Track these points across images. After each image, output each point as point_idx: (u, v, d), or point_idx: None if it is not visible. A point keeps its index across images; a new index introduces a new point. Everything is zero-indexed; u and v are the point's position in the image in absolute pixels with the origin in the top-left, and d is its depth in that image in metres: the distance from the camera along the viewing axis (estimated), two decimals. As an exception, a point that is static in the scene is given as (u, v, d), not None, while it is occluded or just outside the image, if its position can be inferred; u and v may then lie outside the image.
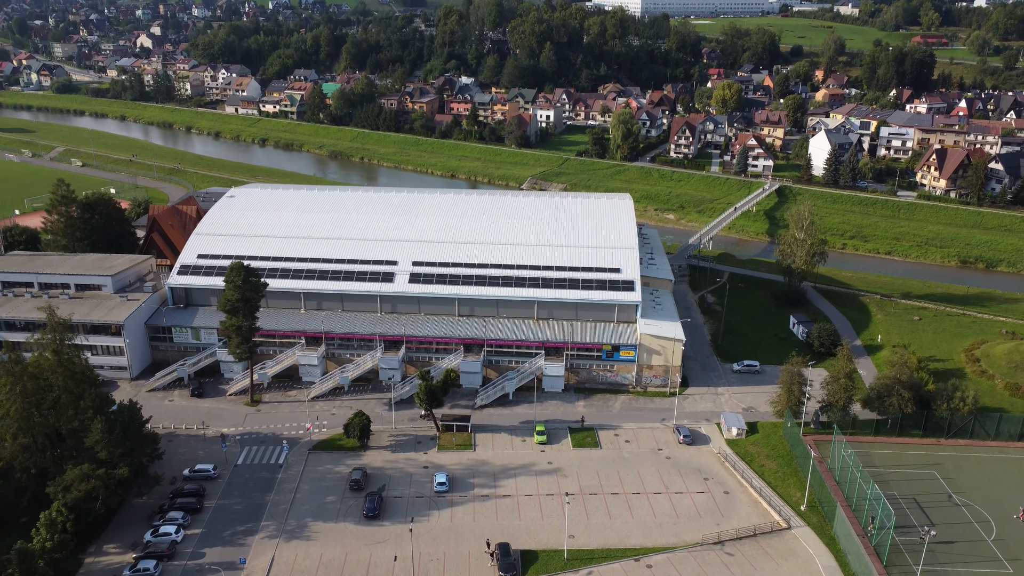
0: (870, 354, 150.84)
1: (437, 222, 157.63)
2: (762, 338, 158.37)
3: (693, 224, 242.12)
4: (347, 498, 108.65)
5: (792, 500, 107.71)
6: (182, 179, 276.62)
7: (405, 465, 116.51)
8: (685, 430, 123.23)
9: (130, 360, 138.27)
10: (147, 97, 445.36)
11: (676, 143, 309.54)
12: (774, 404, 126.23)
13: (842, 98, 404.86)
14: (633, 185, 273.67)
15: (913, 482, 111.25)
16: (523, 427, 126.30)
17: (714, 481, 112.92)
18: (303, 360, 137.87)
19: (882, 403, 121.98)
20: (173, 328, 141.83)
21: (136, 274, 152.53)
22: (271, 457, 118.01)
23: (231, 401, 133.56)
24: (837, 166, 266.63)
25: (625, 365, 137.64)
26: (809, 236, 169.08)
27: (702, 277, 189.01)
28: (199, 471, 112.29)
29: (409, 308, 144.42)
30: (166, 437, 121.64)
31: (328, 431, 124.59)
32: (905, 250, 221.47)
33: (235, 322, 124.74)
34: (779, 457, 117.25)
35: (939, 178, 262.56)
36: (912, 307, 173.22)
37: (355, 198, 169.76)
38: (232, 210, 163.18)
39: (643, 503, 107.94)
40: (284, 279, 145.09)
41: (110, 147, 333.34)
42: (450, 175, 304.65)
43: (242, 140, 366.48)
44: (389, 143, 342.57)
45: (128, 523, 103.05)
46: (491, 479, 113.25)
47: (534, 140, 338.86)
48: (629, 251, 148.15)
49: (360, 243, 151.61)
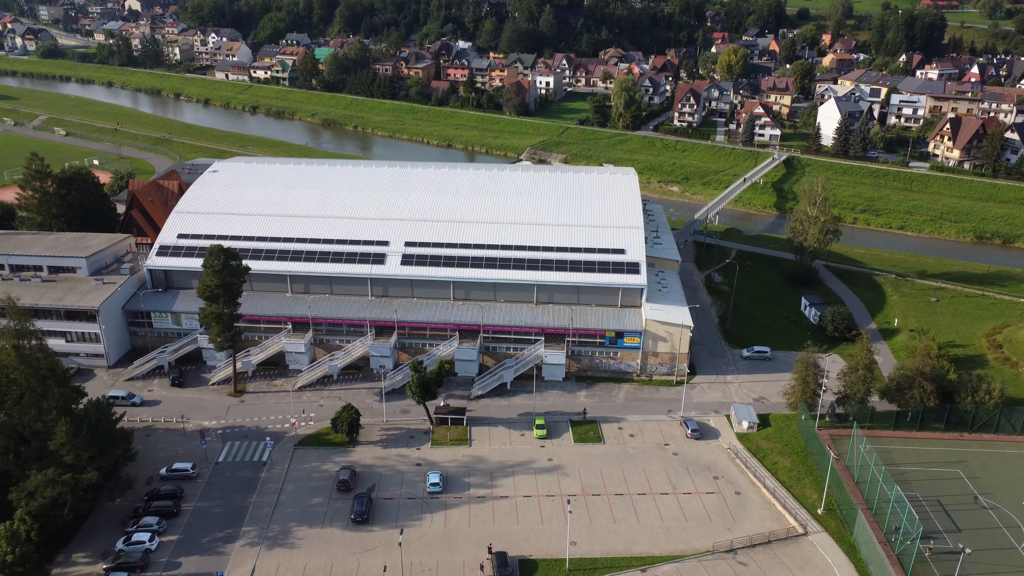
0: (886, 339, 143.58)
1: (431, 199, 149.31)
2: (772, 321, 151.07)
3: (698, 197, 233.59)
4: (334, 500, 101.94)
5: (808, 502, 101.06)
6: (168, 149, 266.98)
7: (396, 462, 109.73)
8: (693, 424, 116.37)
9: (107, 347, 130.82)
10: (135, 62, 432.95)
11: (680, 111, 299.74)
12: (787, 396, 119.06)
13: (850, 63, 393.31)
14: (636, 155, 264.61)
15: (936, 482, 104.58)
16: (522, 420, 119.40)
17: (724, 480, 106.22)
18: (289, 347, 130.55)
19: (902, 396, 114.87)
20: (152, 313, 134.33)
21: (113, 255, 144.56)
22: (254, 454, 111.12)
23: (213, 391, 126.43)
24: (847, 136, 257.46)
25: (629, 352, 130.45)
26: (822, 213, 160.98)
27: (708, 254, 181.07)
28: (177, 470, 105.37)
29: (401, 292, 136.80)
30: (143, 431, 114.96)
31: (315, 424, 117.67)
32: (919, 225, 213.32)
33: (215, 310, 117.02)
34: (793, 454, 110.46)
35: (953, 148, 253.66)
36: (928, 287, 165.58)
37: (344, 173, 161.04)
38: (215, 186, 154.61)
39: (649, 505, 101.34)
40: (269, 260, 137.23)
41: (95, 115, 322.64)
42: (446, 145, 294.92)
43: (232, 107, 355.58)
44: (383, 111, 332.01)
45: (100, 529, 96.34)
46: (488, 478, 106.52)
47: (533, 108, 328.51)
48: (634, 231, 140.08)
49: (350, 222, 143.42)
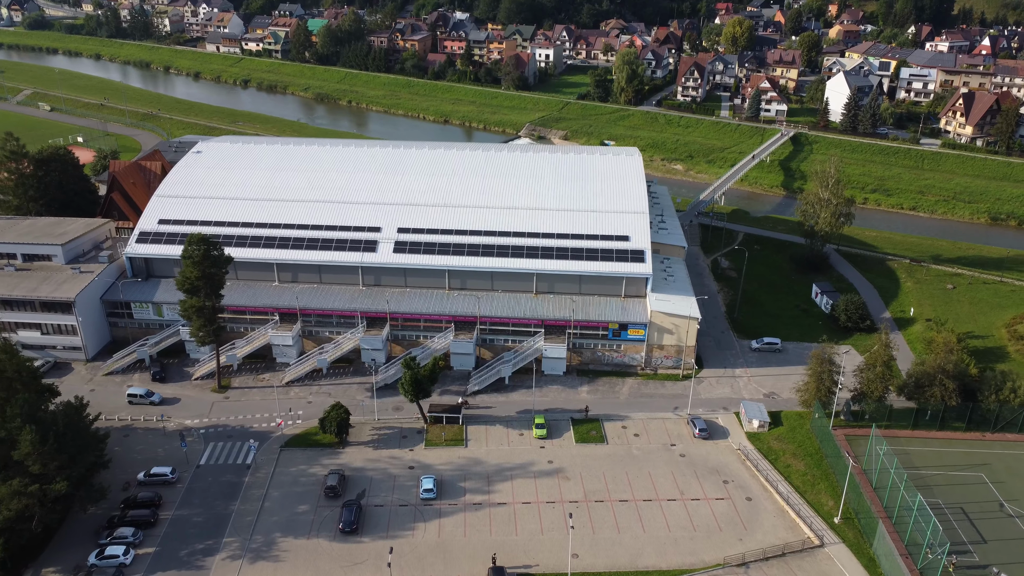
0: (901, 329, 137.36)
1: (425, 182, 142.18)
2: (782, 309, 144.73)
3: (702, 176, 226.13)
4: (322, 507, 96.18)
5: (824, 510, 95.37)
6: (156, 126, 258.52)
7: (388, 465, 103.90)
8: (701, 422, 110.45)
9: (84, 340, 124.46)
10: (123, 34, 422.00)
11: (683, 85, 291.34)
12: (800, 392, 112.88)
13: (857, 35, 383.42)
14: (638, 132, 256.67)
15: (958, 487, 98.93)
16: (521, 418, 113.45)
17: (735, 485, 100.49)
18: (276, 340, 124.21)
19: (922, 393, 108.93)
20: (132, 304, 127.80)
21: (92, 241, 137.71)
22: (238, 455, 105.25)
23: (196, 386, 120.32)
24: (856, 111, 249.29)
25: (633, 345, 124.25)
26: (835, 196, 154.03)
27: (715, 238, 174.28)
28: (156, 475, 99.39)
29: (394, 281, 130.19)
30: (121, 431, 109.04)
31: (303, 423, 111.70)
32: (931, 205, 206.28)
33: (195, 302, 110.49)
34: (807, 456, 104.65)
35: (965, 125, 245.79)
36: (944, 273, 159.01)
37: (335, 154, 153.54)
38: (198, 168, 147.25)
39: (656, 513, 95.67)
40: (255, 248, 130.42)
41: (82, 89, 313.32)
42: (443, 121, 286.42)
43: (223, 81, 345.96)
44: (378, 85, 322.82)
45: (72, 541, 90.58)
46: (484, 482, 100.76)
47: (532, 81, 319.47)
48: (639, 216, 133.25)
49: (340, 206, 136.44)
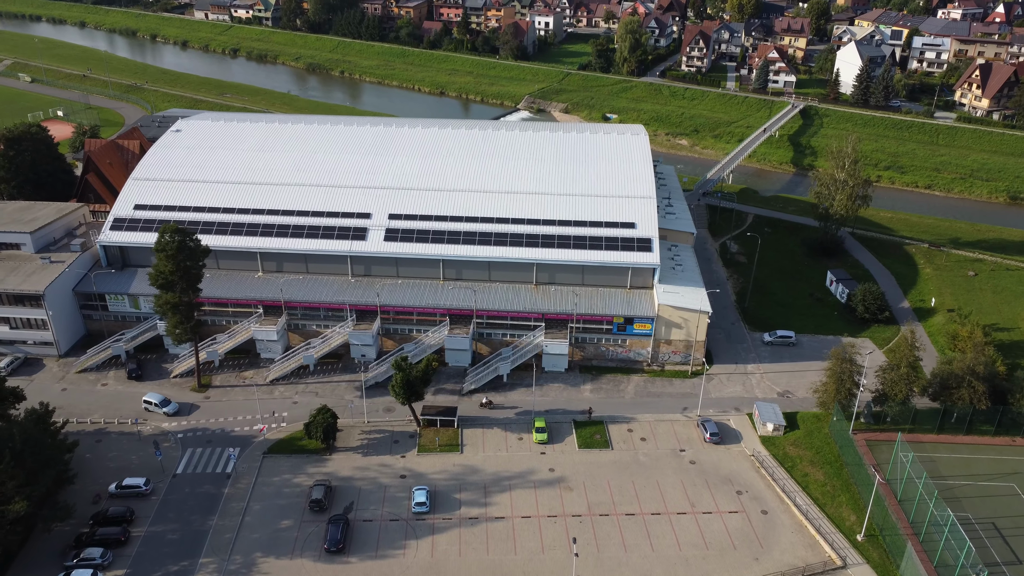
0: (921, 320, 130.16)
1: (418, 164, 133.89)
2: (794, 298, 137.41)
3: (708, 152, 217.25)
4: (306, 522, 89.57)
5: (845, 526, 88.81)
6: (141, 98, 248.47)
7: (378, 474, 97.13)
8: (712, 425, 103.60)
9: (56, 335, 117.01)
10: (109, 0, 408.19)
11: (688, 55, 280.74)
12: (818, 393, 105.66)
13: (867, 1, 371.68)
14: (641, 104, 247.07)
15: (989, 500, 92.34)
16: (520, 420, 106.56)
17: (749, 496, 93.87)
18: (260, 335, 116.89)
19: (948, 395, 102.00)
20: (107, 296, 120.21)
21: (64, 227, 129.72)
22: (218, 463, 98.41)
23: (175, 385, 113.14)
24: (869, 83, 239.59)
25: (639, 340, 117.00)
26: (851, 177, 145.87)
27: (723, 219, 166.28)
28: (128, 487, 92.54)
29: (385, 271, 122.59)
30: (93, 435, 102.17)
31: (288, 426, 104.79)
32: (947, 183, 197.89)
33: (171, 298, 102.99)
34: (826, 464, 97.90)
35: (981, 97, 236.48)
36: (964, 259, 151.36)
37: (322, 133, 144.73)
38: (177, 148, 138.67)
39: (665, 528, 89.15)
40: (237, 235, 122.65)
41: (65, 59, 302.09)
42: (439, 92, 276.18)
43: (212, 50, 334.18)
44: (372, 54, 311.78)
45: (35, 564, 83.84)
46: (481, 493, 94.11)
47: (531, 51, 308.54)
48: (645, 201, 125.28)
49: (327, 191, 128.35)
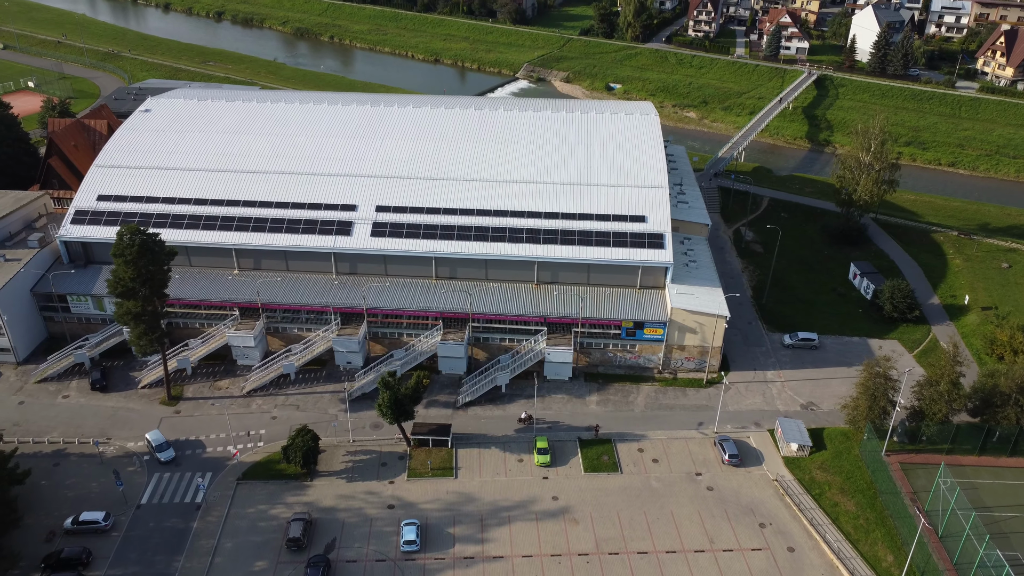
0: (953, 319, 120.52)
1: (409, 149, 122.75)
2: (816, 293, 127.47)
3: (718, 125, 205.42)
4: (283, 563, 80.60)
5: (882, 567, 79.90)
6: (118, 67, 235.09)
7: (364, 503, 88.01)
8: (731, 446, 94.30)
9: (13, 341, 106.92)
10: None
11: (695, 19, 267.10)
12: (847, 410, 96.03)
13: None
14: (646, 73, 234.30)
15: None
16: (520, 438, 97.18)
17: (773, 530, 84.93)
18: (236, 340, 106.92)
19: (993, 415, 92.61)
20: (68, 296, 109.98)
21: (22, 220, 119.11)
22: (187, 492, 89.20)
23: (143, 397, 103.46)
24: (887, 50, 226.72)
25: (650, 345, 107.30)
26: (878, 160, 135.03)
27: (737, 203, 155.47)
28: (85, 523, 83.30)
29: (372, 269, 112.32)
30: (51, 458, 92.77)
31: (265, 447, 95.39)
32: (972, 161, 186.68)
33: (133, 307, 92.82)
34: (858, 492, 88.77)
35: (1006, 66, 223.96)
36: (997, 248, 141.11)
37: (303, 113, 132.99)
38: (145, 131, 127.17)
39: (681, 569, 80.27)
40: (211, 230, 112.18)
41: (40, 24, 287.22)
42: (434, 60, 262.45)
43: (195, 13, 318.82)
44: (363, 17, 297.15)
45: (-22, 615, 75.43)
46: (477, 527, 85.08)
47: (531, 14, 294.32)
48: (657, 191, 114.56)
49: (309, 179, 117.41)
